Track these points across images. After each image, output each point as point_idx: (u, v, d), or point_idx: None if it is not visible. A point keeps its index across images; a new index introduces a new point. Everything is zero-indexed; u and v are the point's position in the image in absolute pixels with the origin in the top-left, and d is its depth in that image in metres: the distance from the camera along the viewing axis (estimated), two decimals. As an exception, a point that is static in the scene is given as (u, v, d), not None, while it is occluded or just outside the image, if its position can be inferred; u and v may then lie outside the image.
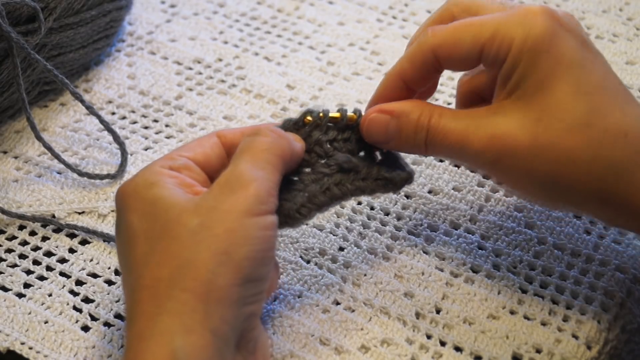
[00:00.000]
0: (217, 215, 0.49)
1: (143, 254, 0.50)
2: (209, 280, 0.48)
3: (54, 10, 0.68)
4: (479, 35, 0.53)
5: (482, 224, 0.63)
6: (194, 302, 0.47)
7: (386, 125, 0.56)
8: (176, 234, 0.49)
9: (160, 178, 0.52)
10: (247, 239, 0.49)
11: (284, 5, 0.84)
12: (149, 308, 0.48)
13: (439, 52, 0.54)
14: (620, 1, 0.83)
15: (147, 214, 0.51)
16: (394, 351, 0.56)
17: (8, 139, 0.71)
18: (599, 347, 0.56)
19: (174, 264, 0.48)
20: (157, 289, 0.48)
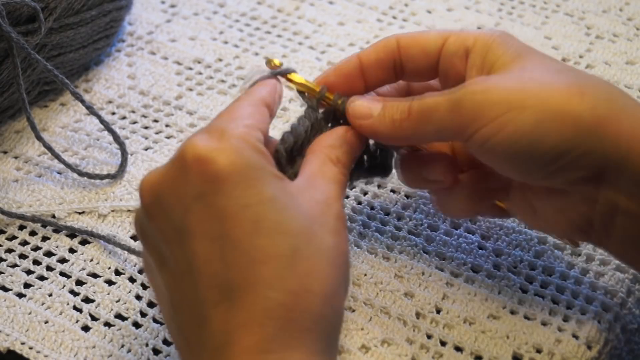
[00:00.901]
0: (341, 241, 0.48)
1: (283, 251, 0.45)
2: (339, 310, 0.47)
3: (54, 11, 0.68)
4: (446, 31, 0.55)
5: (483, 223, 0.63)
6: (327, 341, 0.46)
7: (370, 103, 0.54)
8: (320, 249, 0.46)
9: (262, 161, 0.47)
10: (347, 262, 0.49)
11: (284, 5, 0.84)
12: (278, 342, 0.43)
13: (402, 40, 0.55)
14: (620, 1, 0.83)
15: (275, 200, 0.45)
16: (395, 351, 0.56)
17: (8, 139, 0.71)
18: (599, 347, 0.56)
19: (314, 292, 0.45)
20: (290, 323, 0.44)
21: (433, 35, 0.55)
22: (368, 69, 0.56)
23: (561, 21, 0.82)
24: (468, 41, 0.53)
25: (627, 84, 0.75)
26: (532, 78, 0.50)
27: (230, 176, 0.45)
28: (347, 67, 0.57)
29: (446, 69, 0.55)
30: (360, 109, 0.54)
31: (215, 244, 0.45)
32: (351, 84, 0.56)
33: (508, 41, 0.53)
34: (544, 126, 0.48)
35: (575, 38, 0.80)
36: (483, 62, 0.53)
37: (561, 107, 0.48)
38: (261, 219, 0.45)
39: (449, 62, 0.54)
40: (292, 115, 0.72)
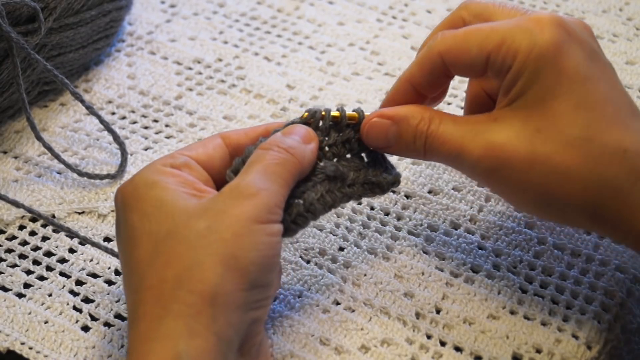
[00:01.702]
0: (225, 220, 0.49)
1: (147, 255, 0.49)
2: (216, 284, 0.48)
3: (54, 11, 0.68)
4: (486, 42, 0.52)
5: (482, 224, 0.63)
6: (200, 305, 0.47)
7: (386, 130, 0.56)
8: (183, 237, 0.49)
9: (161, 177, 0.52)
10: (255, 244, 0.49)
11: (283, 5, 0.84)
12: (153, 309, 0.48)
13: (446, 57, 0.54)
14: (620, 1, 0.83)
15: (149, 214, 0.50)
16: (394, 351, 0.56)
17: (8, 139, 0.71)
18: (599, 347, 0.56)
19: (180, 265, 0.48)
20: (162, 290, 0.48)
21: (475, 55, 0.53)
22: (420, 87, 0.57)
23: (561, 21, 0.82)
24: (507, 63, 0.52)
25: (627, 84, 0.75)
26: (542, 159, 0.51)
27: (123, 205, 0.52)
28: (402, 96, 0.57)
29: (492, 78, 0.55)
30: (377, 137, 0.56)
31: (122, 266, 0.52)
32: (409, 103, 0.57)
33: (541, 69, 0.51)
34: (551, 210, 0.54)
35: (575, 38, 0.79)
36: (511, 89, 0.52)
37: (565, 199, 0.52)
38: (135, 234, 0.51)
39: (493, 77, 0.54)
40: (291, 115, 0.72)
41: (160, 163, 0.53)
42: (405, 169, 0.67)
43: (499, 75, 0.53)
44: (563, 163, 0.51)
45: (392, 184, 0.57)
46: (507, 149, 0.52)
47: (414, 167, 0.68)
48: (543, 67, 0.51)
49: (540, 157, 0.51)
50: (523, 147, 0.51)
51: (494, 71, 0.53)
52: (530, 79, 0.51)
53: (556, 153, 0.51)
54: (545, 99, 0.51)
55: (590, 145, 0.50)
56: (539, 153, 0.51)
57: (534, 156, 0.51)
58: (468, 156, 0.53)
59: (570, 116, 0.51)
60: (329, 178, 0.55)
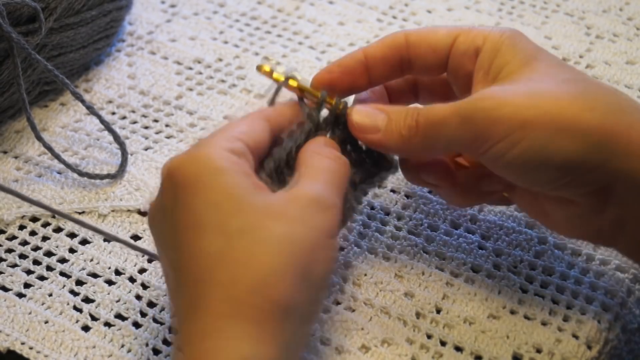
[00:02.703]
0: (305, 230, 0.48)
1: (217, 248, 0.47)
2: (292, 296, 0.47)
3: (54, 11, 0.68)
4: (455, 29, 0.54)
5: (483, 223, 0.63)
6: (273, 314, 0.46)
7: (375, 114, 0.54)
8: (260, 238, 0.47)
9: (228, 166, 0.49)
10: (328, 258, 0.49)
11: (284, 5, 0.84)
12: (222, 307, 0.46)
13: (411, 36, 0.54)
14: (620, 1, 0.83)
15: (219, 204, 0.48)
16: (395, 351, 0.56)
17: (8, 139, 0.71)
18: (600, 347, 0.56)
19: (258, 268, 0.46)
20: (236, 291, 0.46)
21: (442, 33, 0.55)
22: (373, 64, 0.56)
23: (561, 21, 0.82)
24: (478, 41, 0.53)
25: (627, 84, 0.75)
26: (541, 91, 0.50)
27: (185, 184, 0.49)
28: (351, 62, 0.56)
29: (456, 68, 0.55)
30: (365, 122, 0.54)
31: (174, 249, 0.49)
32: (355, 79, 0.56)
33: (517, 43, 0.52)
34: (555, 142, 0.48)
35: (575, 38, 0.80)
36: (490, 65, 0.52)
37: (571, 122, 0.48)
38: (201, 223, 0.48)
39: (458, 61, 0.54)
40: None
41: (221, 146, 0.50)
42: (405, 168, 0.67)
43: (464, 58, 0.53)
44: (562, 93, 0.49)
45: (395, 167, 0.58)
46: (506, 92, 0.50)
47: (414, 167, 0.68)
48: (519, 42, 0.52)
49: (539, 92, 0.50)
50: (520, 88, 0.50)
51: (459, 52, 0.53)
52: (507, 53, 0.52)
53: (553, 88, 0.50)
54: (529, 62, 0.51)
55: (586, 82, 0.51)
56: (537, 89, 0.50)
57: (533, 92, 0.50)
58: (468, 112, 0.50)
59: (557, 69, 0.51)
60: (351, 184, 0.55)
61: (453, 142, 0.52)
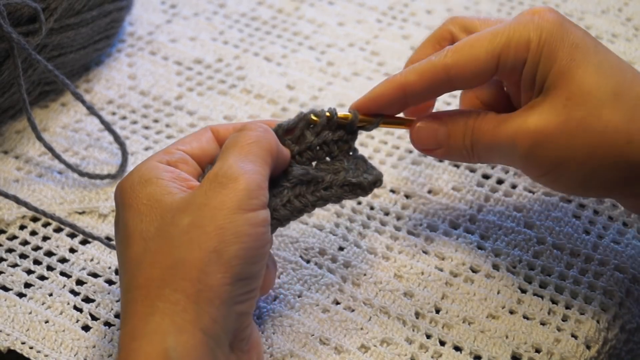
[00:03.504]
0: (207, 213, 0.49)
1: (137, 254, 0.50)
2: (199, 280, 0.48)
3: (54, 11, 0.68)
4: (493, 45, 0.53)
5: (482, 223, 0.63)
6: (184, 302, 0.47)
7: (435, 132, 0.56)
8: (168, 234, 0.49)
9: (156, 173, 0.52)
10: (238, 236, 0.48)
11: (284, 5, 0.85)
12: (141, 308, 0.48)
13: (453, 70, 0.54)
14: (619, 1, 0.83)
15: (142, 213, 0.50)
16: (394, 351, 0.56)
17: (9, 139, 0.71)
18: (598, 347, 0.57)
19: (165, 263, 0.48)
20: (149, 289, 0.48)
21: (484, 59, 0.53)
22: (413, 99, 0.56)
23: (560, 22, 0.82)
24: (520, 57, 0.53)
25: (626, 84, 0.75)
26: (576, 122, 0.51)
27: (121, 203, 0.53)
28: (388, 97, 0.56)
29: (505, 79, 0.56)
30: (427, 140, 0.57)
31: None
32: (391, 110, 0.57)
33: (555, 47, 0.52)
34: (597, 174, 0.52)
35: (575, 38, 0.80)
36: (534, 78, 0.53)
37: (610, 157, 0.51)
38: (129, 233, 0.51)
39: (505, 78, 0.56)
40: (292, 115, 0.72)
41: (156, 159, 0.53)
42: (405, 168, 0.68)
43: (513, 73, 0.53)
44: (600, 123, 0.51)
45: (374, 183, 0.57)
46: (541, 127, 0.52)
47: (413, 167, 0.68)
48: (556, 45, 0.52)
49: (576, 125, 0.51)
50: (556, 120, 0.52)
51: (506, 71, 0.53)
52: (547, 61, 0.52)
53: (591, 115, 0.51)
54: (566, 72, 0.52)
55: (623, 98, 0.51)
56: (573, 121, 0.51)
57: (569, 125, 0.51)
58: (506, 143, 0.53)
59: (594, 80, 0.51)
60: (300, 182, 0.55)
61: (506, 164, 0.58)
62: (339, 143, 0.57)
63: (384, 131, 0.71)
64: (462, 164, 0.68)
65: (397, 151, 0.69)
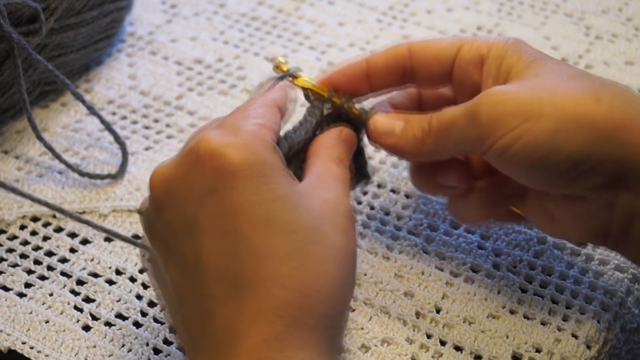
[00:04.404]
0: (351, 242, 0.48)
1: (291, 250, 0.45)
2: (348, 305, 0.48)
3: (55, 11, 0.68)
4: (458, 39, 0.55)
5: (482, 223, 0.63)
6: (337, 323, 0.46)
7: (393, 119, 0.55)
8: (328, 248, 0.46)
9: (276, 160, 0.47)
10: (355, 262, 0.49)
11: (284, 5, 0.85)
12: (299, 315, 0.44)
13: (415, 47, 0.55)
14: (619, 1, 0.83)
15: (285, 199, 0.46)
16: (394, 350, 0.56)
17: (9, 139, 0.71)
18: (599, 347, 0.57)
19: (330, 281, 0.45)
20: (312, 300, 0.44)
21: (446, 44, 0.55)
22: (375, 73, 0.56)
23: (560, 21, 0.82)
24: (482, 49, 0.54)
25: (627, 84, 0.75)
26: (546, 86, 0.50)
27: (243, 172, 0.45)
28: (353, 70, 0.57)
29: (461, 78, 0.55)
30: (383, 126, 0.55)
31: (226, 239, 0.45)
32: (356, 86, 0.57)
33: (521, 48, 0.53)
34: (561, 134, 0.48)
35: (575, 38, 0.80)
36: (498, 70, 0.53)
37: (576, 114, 0.48)
38: (273, 217, 0.45)
39: (463, 71, 0.55)
40: (291, 115, 0.72)
41: (261, 135, 0.48)
42: (405, 168, 0.68)
43: (470, 65, 0.53)
44: (568, 87, 0.50)
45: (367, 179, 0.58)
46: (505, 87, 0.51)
47: (414, 167, 0.68)
48: (522, 47, 0.53)
49: (542, 85, 0.50)
50: (526, 84, 0.50)
51: (464, 61, 0.54)
52: (512, 58, 0.52)
53: (559, 82, 0.50)
54: (534, 61, 0.52)
55: (590, 77, 0.51)
56: (543, 84, 0.50)
57: (536, 85, 0.50)
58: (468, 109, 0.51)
59: (562, 65, 0.52)
60: None
61: (462, 142, 0.52)
62: None
63: (384, 131, 0.71)
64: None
65: (398, 151, 0.69)
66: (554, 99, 0.49)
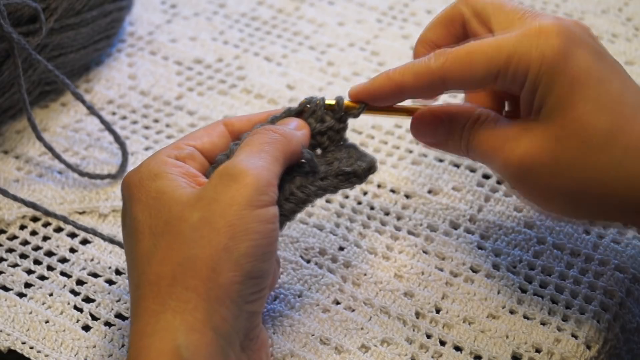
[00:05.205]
0: (216, 208, 0.49)
1: (147, 250, 0.49)
2: (210, 278, 0.48)
3: (55, 11, 0.68)
4: (493, 60, 0.52)
5: (482, 223, 0.63)
6: (195, 301, 0.47)
7: (436, 128, 0.56)
8: (178, 230, 0.49)
9: (165, 168, 0.52)
10: (248, 233, 0.48)
11: (284, 5, 0.85)
12: (152, 305, 0.48)
13: (449, 78, 0.53)
14: (619, 1, 0.83)
15: (150, 207, 0.50)
16: (394, 350, 0.56)
17: (9, 139, 0.71)
18: (599, 347, 0.57)
19: (175, 260, 0.48)
20: (160, 287, 0.48)
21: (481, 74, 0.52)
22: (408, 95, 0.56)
23: (561, 21, 0.82)
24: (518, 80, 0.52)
25: (627, 84, 0.75)
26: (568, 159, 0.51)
27: (129, 196, 0.52)
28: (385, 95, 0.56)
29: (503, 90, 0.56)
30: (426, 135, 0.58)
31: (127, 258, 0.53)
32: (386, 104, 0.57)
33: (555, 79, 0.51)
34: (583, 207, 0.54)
35: (575, 38, 0.80)
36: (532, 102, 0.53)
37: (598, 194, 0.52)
38: (137, 227, 0.51)
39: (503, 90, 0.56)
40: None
41: (165, 153, 0.53)
42: (405, 169, 0.68)
43: (512, 87, 0.53)
44: (587, 169, 0.51)
45: (368, 170, 0.56)
46: (532, 159, 0.52)
47: (413, 167, 0.68)
48: (556, 77, 0.51)
49: (564, 164, 0.51)
50: (547, 148, 0.52)
51: (505, 85, 0.53)
52: (545, 91, 0.51)
53: (579, 159, 0.51)
54: (563, 106, 0.51)
55: (613, 148, 0.50)
56: (563, 160, 0.51)
57: (558, 163, 0.51)
58: (498, 162, 0.54)
59: (589, 120, 0.51)
60: (299, 174, 0.54)
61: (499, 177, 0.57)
62: (329, 133, 0.57)
63: (384, 131, 0.71)
64: (463, 164, 0.68)
65: (397, 151, 0.69)
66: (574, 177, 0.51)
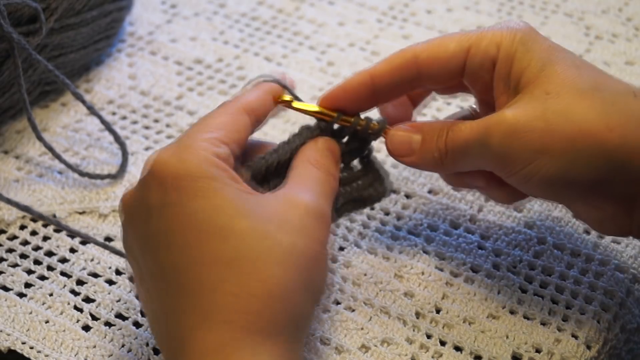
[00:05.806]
0: (306, 241, 0.47)
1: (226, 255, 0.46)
2: (300, 308, 0.47)
3: (55, 11, 0.68)
4: (464, 39, 0.53)
5: (482, 223, 0.63)
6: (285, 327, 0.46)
7: (409, 138, 0.55)
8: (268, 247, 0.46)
9: (217, 173, 0.48)
10: (323, 269, 0.49)
11: (284, 5, 0.85)
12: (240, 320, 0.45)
13: (421, 57, 0.53)
14: (619, 1, 0.83)
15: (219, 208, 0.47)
16: (394, 351, 0.56)
17: (9, 139, 0.71)
18: (599, 347, 0.57)
19: (271, 281, 0.45)
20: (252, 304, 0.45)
21: (453, 48, 0.53)
22: (381, 86, 0.55)
23: (560, 21, 0.82)
24: (491, 51, 0.52)
25: (627, 84, 0.75)
26: (556, 109, 0.50)
27: (179, 186, 0.47)
28: (357, 86, 0.55)
29: (473, 79, 0.54)
30: (401, 146, 0.55)
31: (169, 251, 0.47)
32: (360, 104, 0.56)
33: (530, 47, 0.52)
34: (576, 167, 0.50)
35: (575, 38, 0.80)
36: (509, 74, 0.52)
37: (590, 146, 0.49)
38: (207, 226, 0.46)
39: (475, 74, 0.54)
40: (292, 114, 0.72)
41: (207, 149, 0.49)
42: (405, 169, 0.68)
43: (481, 69, 0.53)
44: (580, 114, 0.49)
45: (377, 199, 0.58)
46: (519, 115, 0.50)
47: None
48: (532, 45, 0.52)
49: (555, 113, 0.50)
50: (534, 109, 0.50)
51: (475, 66, 0.53)
52: (524, 57, 0.51)
53: (571, 105, 0.50)
54: (545, 67, 0.51)
55: (602, 92, 0.50)
56: (553, 110, 0.50)
57: (548, 113, 0.50)
58: (482, 134, 0.51)
59: (574, 74, 0.51)
60: None
61: (480, 165, 0.53)
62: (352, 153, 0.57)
63: (384, 131, 0.71)
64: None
65: (398, 151, 0.69)
66: (565, 129, 0.49)
